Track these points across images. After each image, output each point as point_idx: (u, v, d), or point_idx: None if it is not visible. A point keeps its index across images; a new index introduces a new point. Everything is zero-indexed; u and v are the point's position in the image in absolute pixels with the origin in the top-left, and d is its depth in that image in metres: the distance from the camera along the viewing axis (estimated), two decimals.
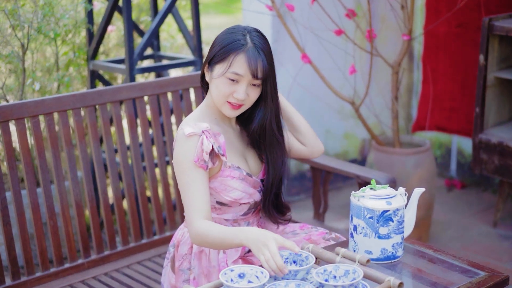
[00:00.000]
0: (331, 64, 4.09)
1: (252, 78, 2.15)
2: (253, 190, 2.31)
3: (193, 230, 2.13)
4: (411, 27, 3.43)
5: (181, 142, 2.18)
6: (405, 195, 2.13)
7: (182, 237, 2.36)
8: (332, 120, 4.47)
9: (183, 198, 2.19)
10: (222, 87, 2.17)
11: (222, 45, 2.17)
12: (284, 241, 1.95)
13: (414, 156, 3.59)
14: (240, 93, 2.16)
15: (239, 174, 2.26)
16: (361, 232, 2.10)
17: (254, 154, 2.35)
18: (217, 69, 2.18)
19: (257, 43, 2.15)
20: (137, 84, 2.86)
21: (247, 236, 1.99)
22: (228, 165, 2.24)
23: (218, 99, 2.20)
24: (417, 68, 4.79)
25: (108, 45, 4.17)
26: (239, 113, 2.22)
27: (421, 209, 3.60)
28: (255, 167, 2.34)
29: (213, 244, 2.10)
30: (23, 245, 2.54)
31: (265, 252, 1.91)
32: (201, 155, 2.15)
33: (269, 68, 2.17)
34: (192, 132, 2.16)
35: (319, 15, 3.77)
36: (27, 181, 2.54)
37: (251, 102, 2.21)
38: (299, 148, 2.45)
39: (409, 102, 4.89)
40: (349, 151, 4.65)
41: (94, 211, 2.72)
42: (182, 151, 2.17)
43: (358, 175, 2.91)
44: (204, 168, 2.16)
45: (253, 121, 2.27)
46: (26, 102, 2.56)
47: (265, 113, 2.25)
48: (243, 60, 2.13)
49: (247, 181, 2.28)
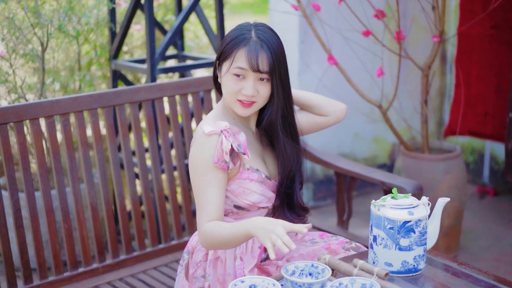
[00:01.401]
0: (359, 66, 3.98)
1: (254, 72, 2.08)
2: (271, 194, 2.22)
3: (202, 233, 2.07)
4: (442, 29, 3.30)
5: (201, 142, 2.10)
6: (429, 205, 2.03)
7: (197, 244, 2.29)
8: (361, 123, 4.36)
9: (196, 200, 2.12)
10: (229, 85, 2.10)
11: (228, 41, 2.12)
12: (291, 225, 1.90)
13: (444, 162, 3.46)
14: (247, 89, 2.08)
15: (258, 176, 2.17)
16: (381, 243, 2.00)
17: (273, 156, 2.27)
18: (224, 67, 2.13)
19: (261, 37, 2.09)
20: (156, 85, 2.80)
21: (254, 224, 1.94)
22: (247, 167, 2.16)
23: (228, 97, 2.13)
24: (449, 71, 4.65)
25: (133, 44, 4.11)
26: (251, 111, 2.14)
27: (450, 217, 3.48)
28: (274, 169, 2.26)
29: (222, 241, 2.04)
30: (36, 248, 2.49)
31: (272, 236, 1.87)
32: (221, 155, 2.07)
33: (274, 61, 2.09)
34: (212, 130, 2.08)
35: (347, 15, 3.67)
36: (41, 182, 2.49)
37: (263, 99, 2.13)
38: (323, 120, 2.36)
39: (441, 106, 4.75)
40: (379, 156, 4.53)
41: (110, 215, 2.66)
42: (201, 151, 2.09)
43: (383, 181, 2.80)
44: (225, 168, 2.08)
45: (263, 118, 2.20)
46: (41, 102, 2.51)
47: (273, 109, 2.16)
48: (244, 54, 2.07)
49: (266, 184, 2.20)
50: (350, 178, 2.99)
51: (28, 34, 3.14)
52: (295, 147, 2.25)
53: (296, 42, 3.94)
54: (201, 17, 3.63)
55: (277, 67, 2.10)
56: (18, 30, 3.10)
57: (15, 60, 3.25)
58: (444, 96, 4.72)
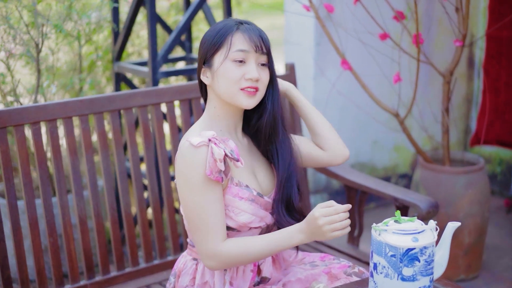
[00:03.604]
0: (377, 71, 3.75)
1: (257, 53, 1.93)
2: (264, 212, 2.03)
3: (219, 255, 1.91)
4: (466, 32, 3.06)
5: (189, 156, 1.90)
6: (436, 230, 1.81)
7: (184, 266, 2.10)
8: (380, 131, 4.12)
9: (193, 221, 1.93)
10: (230, 73, 1.93)
11: (213, 34, 1.96)
12: (321, 206, 1.86)
13: (465, 175, 3.21)
14: (252, 72, 1.93)
15: (249, 194, 1.98)
16: (382, 272, 1.78)
17: (266, 169, 2.08)
18: (217, 58, 1.95)
19: (248, 22, 1.99)
20: (153, 90, 2.62)
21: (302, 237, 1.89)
22: (235, 182, 1.97)
23: (229, 89, 1.94)
24: (477, 76, 4.40)
25: (142, 45, 3.94)
26: (256, 101, 1.96)
27: (471, 235, 3.24)
28: (266, 184, 2.06)
29: (250, 259, 1.93)
30: (18, 263, 2.33)
31: (326, 228, 1.83)
32: (214, 165, 1.87)
33: (269, 44, 1.98)
34: (201, 141, 1.89)
35: (363, 17, 3.45)
36: (25, 193, 2.33)
37: (264, 86, 1.97)
38: (318, 154, 2.18)
39: (468, 113, 4.50)
40: (399, 165, 4.30)
41: (100, 228, 2.49)
42: (193, 166, 1.89)
43: (395, 197, 2.59)
44: (220, 180, 1.89)
45: (265, 111, 2.02)
46: (27, 107, 2.35)
47: (275, 97, 2.02)
48: (243, 36, 1.93)
49: (257, 202, 2.00)
50: (361, 192, 2.78)
51: (23, 35, 2.98)
52: (292, 143, 2.10)
53: (312, 45, 3.73)
54: (208, 17, 3.44)
55: (271, 52, 2.00)
56: (13, 30, 2.94)
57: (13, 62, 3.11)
58: (471, 103, 4.47)
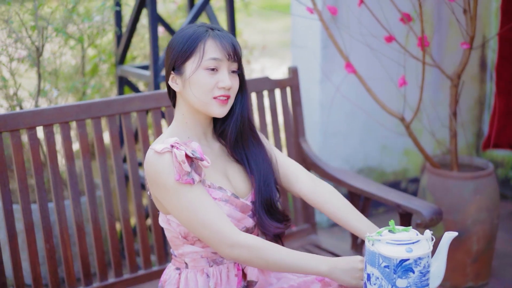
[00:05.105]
0: (383, 75, 3.69)
1: (229, 61, 1.91)
2: (241, 214, 1.98)
3: (242, 244, 1.84)
4: (474, 34, 2.99)
5: (155, 162, 1.87)
6: (432, 241, 1.75)
7: (168, 277, 2.07)
8: (390, 135, 4.06)
9: (192, 220, 1.86)
10: (203, 81, 1.90)
11: (183, 41, 1.92)
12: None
13: (474, 181, 3.14)
14: (225, 81, 1.91)
15: (222, 195, 1.94)
16: (376, 283, 1.74)
17: (240, 173, 2.04)
18: (189, 66, 1.92)
19: (218, 28, 1.96)
20: (152, 94, 2.58)
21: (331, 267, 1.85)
22: (208, 184, 1.93)
23: (202, 98, 1.91)
24: (489, 78, 4.32)
25: (147, 48, 3.91)
26: (227, 109, 1.95)
27: (480, 242, 3.17)
28: (242, 187, 2.02)
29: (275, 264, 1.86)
30: (14, 269, 2.30)
31: (359, 274, 1.84)
32: (181, 168, 1.84)
33: (240, 51, 1.96)
34: (164, 147, 1.86)
35: (368, 20, 3.39)
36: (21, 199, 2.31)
37: (235, 93, 1.97)
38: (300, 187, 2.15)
39: (480, 116, 4.42)
40: (409, 169, 4.23)
41: (98, 235, 2.46)
42: (162, 171, 1.86)
43: (398, 204, 2.53)
44: (191, 182, 1.85)
45: (232, 116, 2.01)
46: (22, 112, 2.32)
47: (244, 103, 2.01)
48: (215, 43, 1.90)
49: (232, 204, 1.96)
50: (365, 197, 2.73)
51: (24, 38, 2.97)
52: (263, 147, 2.09)
53: (319, 48, 3.68)
54: (212, 19, 3.40)
55: (241, 59, 1.99)
56: (13, 33, 2.92)
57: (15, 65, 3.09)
58: (484, 106, 4.39)
